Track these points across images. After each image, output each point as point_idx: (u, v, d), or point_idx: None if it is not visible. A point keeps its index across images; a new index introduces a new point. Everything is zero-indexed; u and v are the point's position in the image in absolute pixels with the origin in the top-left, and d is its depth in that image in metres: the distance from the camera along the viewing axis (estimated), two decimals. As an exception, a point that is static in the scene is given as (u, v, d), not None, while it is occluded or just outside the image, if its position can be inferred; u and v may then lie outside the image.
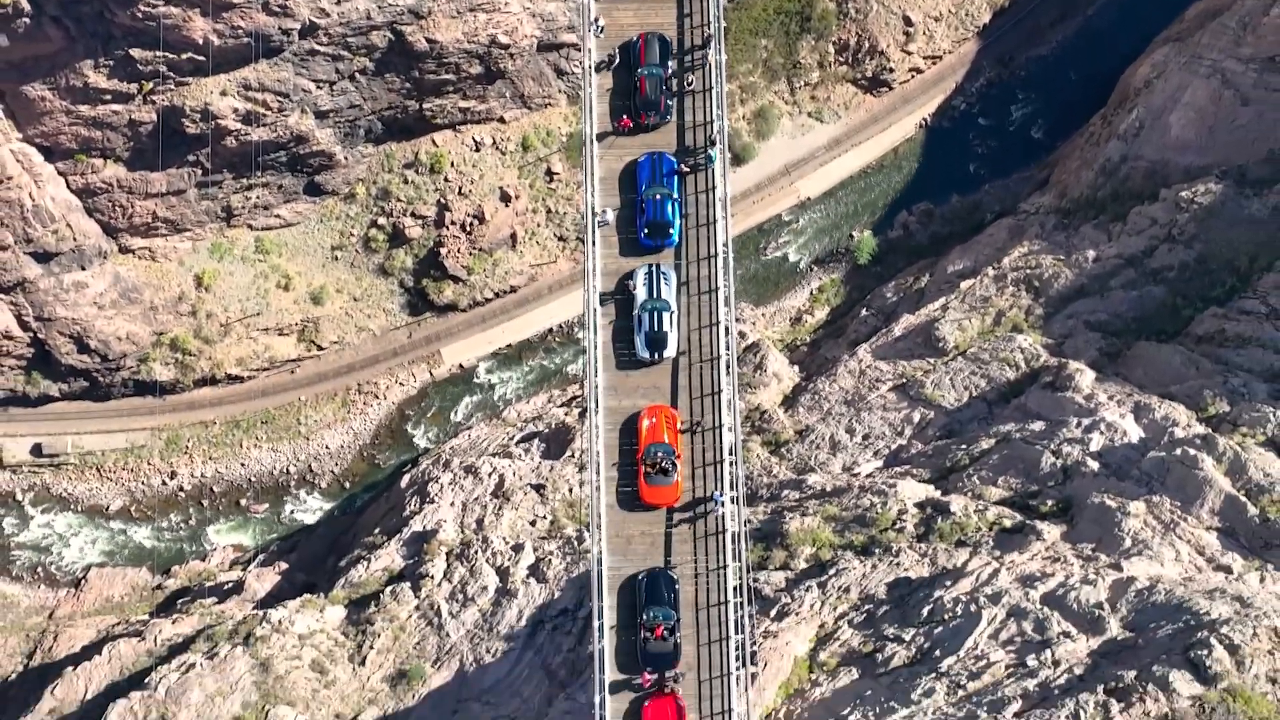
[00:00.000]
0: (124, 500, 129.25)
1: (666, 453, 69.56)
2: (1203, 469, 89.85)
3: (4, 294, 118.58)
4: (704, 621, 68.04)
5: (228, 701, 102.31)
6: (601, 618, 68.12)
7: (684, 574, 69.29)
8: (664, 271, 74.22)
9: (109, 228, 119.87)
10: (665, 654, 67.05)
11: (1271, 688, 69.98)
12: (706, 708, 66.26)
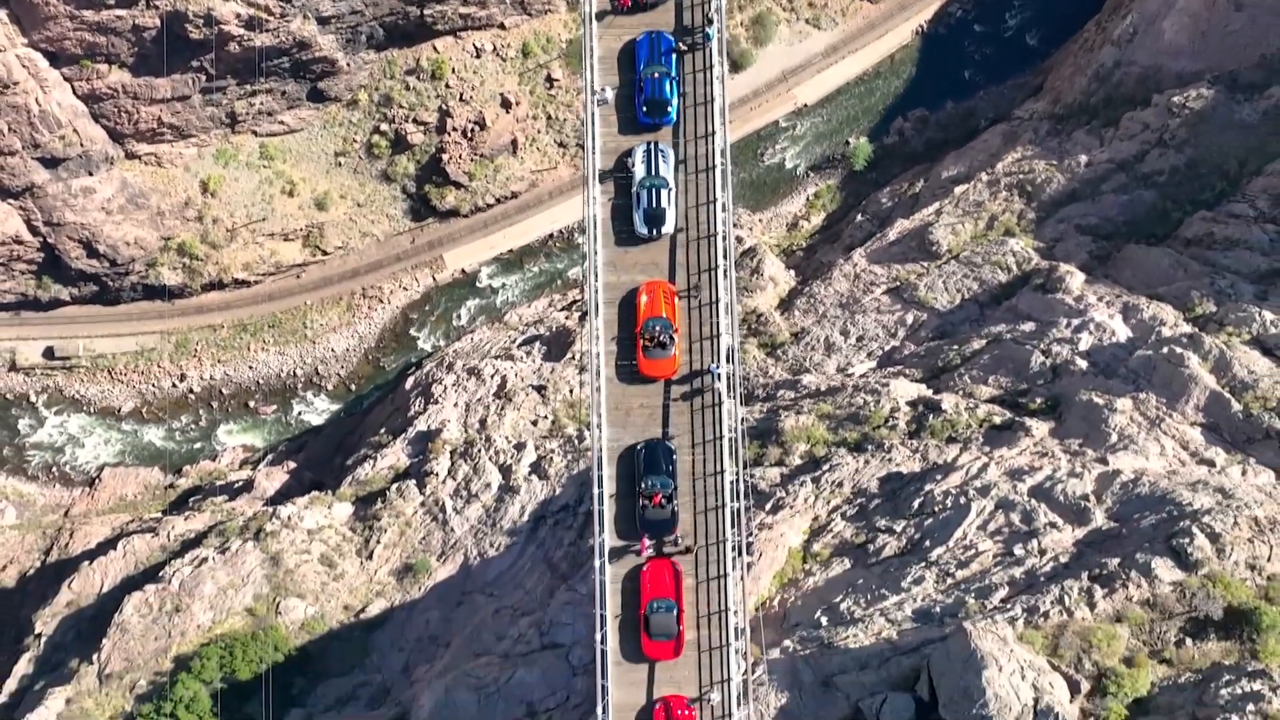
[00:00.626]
0: (135, 402, 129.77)
1: (664, 327, 69.78)
2: (1188, 367, 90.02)
3: (13, 199, 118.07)
4: (701, 490, 68.39)
5: (239, 594, 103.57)
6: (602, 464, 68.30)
7: (681, 444, 69.54)
8: (662, 149, 73.94)
9: (115, 134, 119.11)
10: (663, 521, 67.51)
11: (1251, 574, 70.65)
12: (703, 572, 66.67)
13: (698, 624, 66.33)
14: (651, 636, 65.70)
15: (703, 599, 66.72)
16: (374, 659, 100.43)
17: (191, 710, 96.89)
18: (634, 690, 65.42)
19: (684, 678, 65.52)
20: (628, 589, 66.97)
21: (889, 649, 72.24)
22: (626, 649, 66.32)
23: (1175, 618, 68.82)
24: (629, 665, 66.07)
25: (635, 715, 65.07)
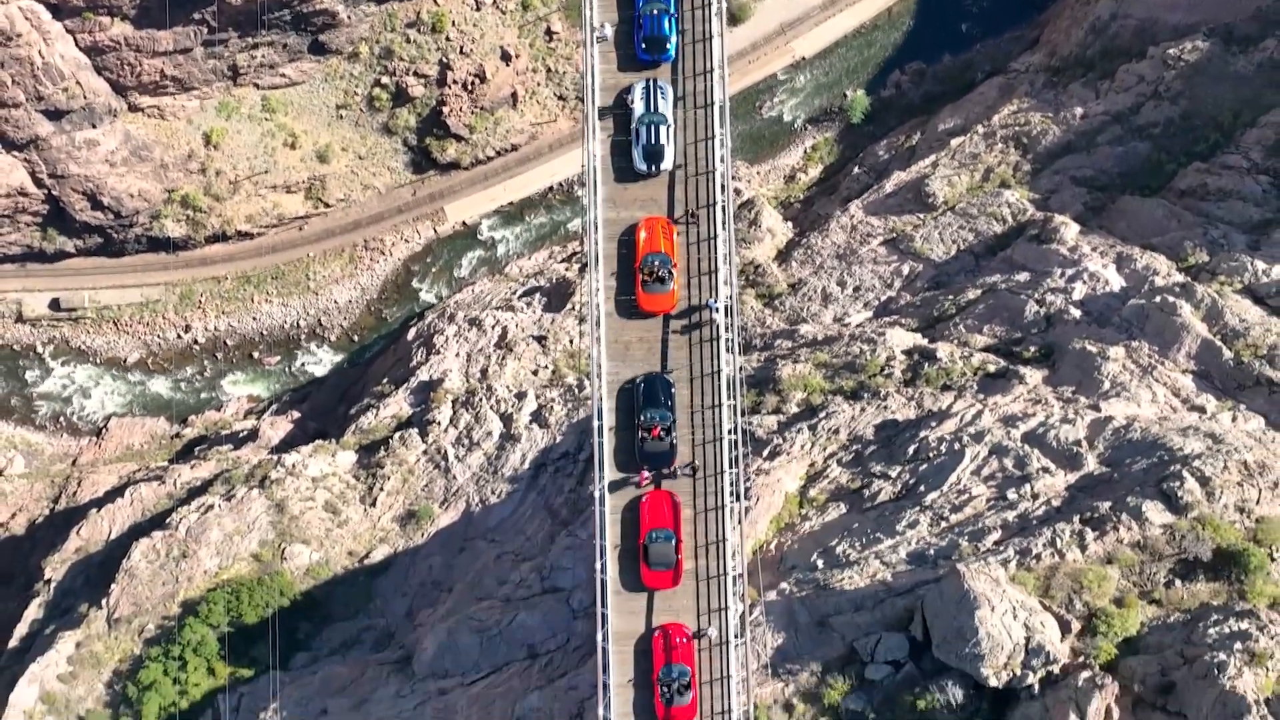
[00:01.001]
0: (141, 353, 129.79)
1: (663, 262, 69.71)
2: (1181, 315, 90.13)
3: (18, 151, 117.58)
4: (699, 423, 68.52)
5: (245, 540, 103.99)
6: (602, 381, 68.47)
7: (680, 378, 69.56)
8: (661, 86, 73.55)
9: (118, 86, 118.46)
10: (662, 453, 67.71)
11: (1240, 517, 71.03)
12: (700, 504, 66.96)
13: (695, 554, 66.53)
14: (650, 566, 66.00)
15: (701, 529, 66.89)
16: (378, 604, 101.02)
17: (199, 654, 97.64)
18: (633, 619, 65.89)
19: (683, 606, 65.88)
20: (627, 520, 67.24)
21: (883, 590, 72.73)
22: (626, 578, 66.67)
23: (1165, 559, 69.25)
24: (628, 594, 66.45)
25: (635, 643, 65.52)
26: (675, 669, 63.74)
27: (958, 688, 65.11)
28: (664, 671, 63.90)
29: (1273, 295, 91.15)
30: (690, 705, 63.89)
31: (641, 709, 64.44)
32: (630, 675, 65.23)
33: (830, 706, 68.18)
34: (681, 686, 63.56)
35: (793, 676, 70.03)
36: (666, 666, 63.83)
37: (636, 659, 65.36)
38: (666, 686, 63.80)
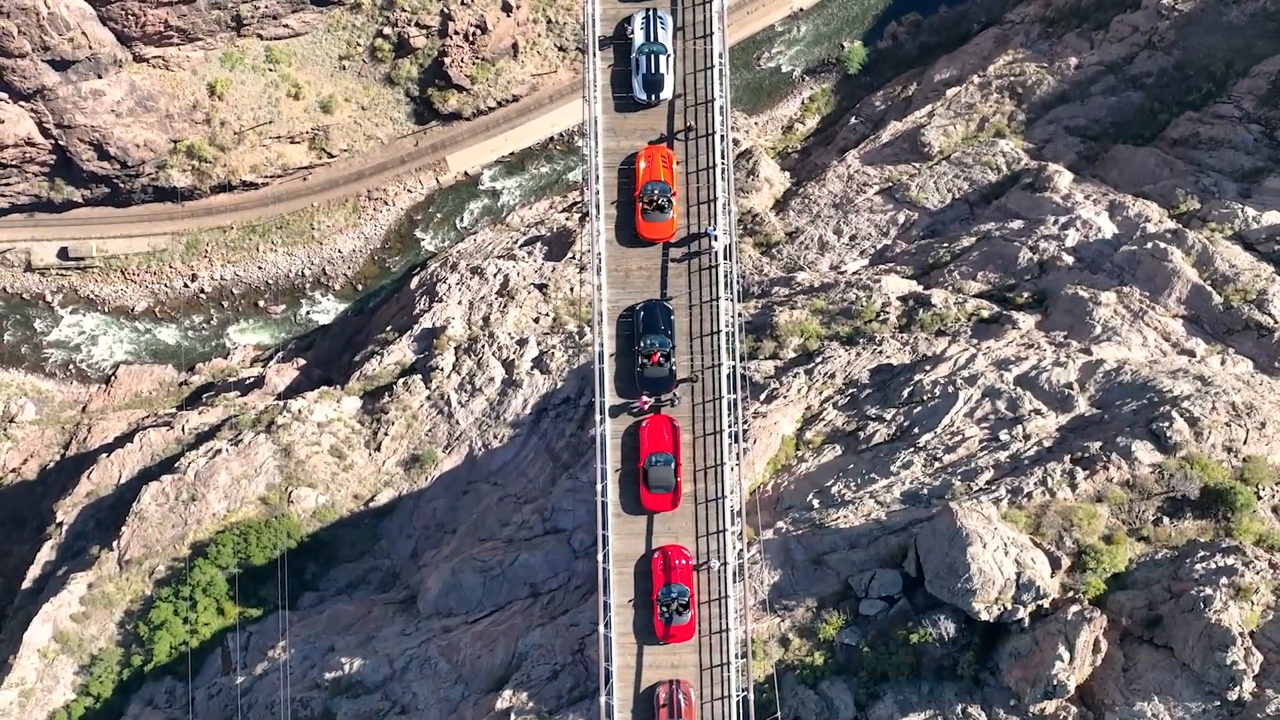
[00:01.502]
0: (148, 301, 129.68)
1: (663, 190, 69.40)
2: (1172, 261, 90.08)
3: (25, 101, 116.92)
4: (698, 350, 68.46)
5: (253, 483, 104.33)
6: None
7: (679, 305, 69.35)
8: (660, 16, 72.76)
9: (123, 36, 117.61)
10: (661, 379, 67.63)
11: (1227, 456, 71.22)
12: (699, 428, 66.90)
13: (694, 478, 66.61)
14: (650, 489, 65.98)
15: (699, 454, 66.85)
16: (383, 545, 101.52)
17: (208, 594, 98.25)
18: (634, 541, 66.03)
19: (681, 528, 65.95)
20: (627, 445, 67.15)
21: (878, 529, 73.05)
22: (626, 501, 66.63)
23: (1154, 498, 69.47)
24: (628, 517, 66.46)
25: (635, 564, 65.74)
26: (674, 589, 63.97)
27: (950, 622, 65.50)
28: (663, 591, 64.10)
29: (1263, 241, 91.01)
30: (689, 624, 64.21)
31: (642, 628, 64.66)
32: (631, 595, 65.46)
33: (825, 641, 68.63)
34: (680, 606, 63.77)
35: (789, 612, 70.48)
36: (666, 587, 64.04)
37: (637, 580, 65.54)
38: (666, 606, 64.00)
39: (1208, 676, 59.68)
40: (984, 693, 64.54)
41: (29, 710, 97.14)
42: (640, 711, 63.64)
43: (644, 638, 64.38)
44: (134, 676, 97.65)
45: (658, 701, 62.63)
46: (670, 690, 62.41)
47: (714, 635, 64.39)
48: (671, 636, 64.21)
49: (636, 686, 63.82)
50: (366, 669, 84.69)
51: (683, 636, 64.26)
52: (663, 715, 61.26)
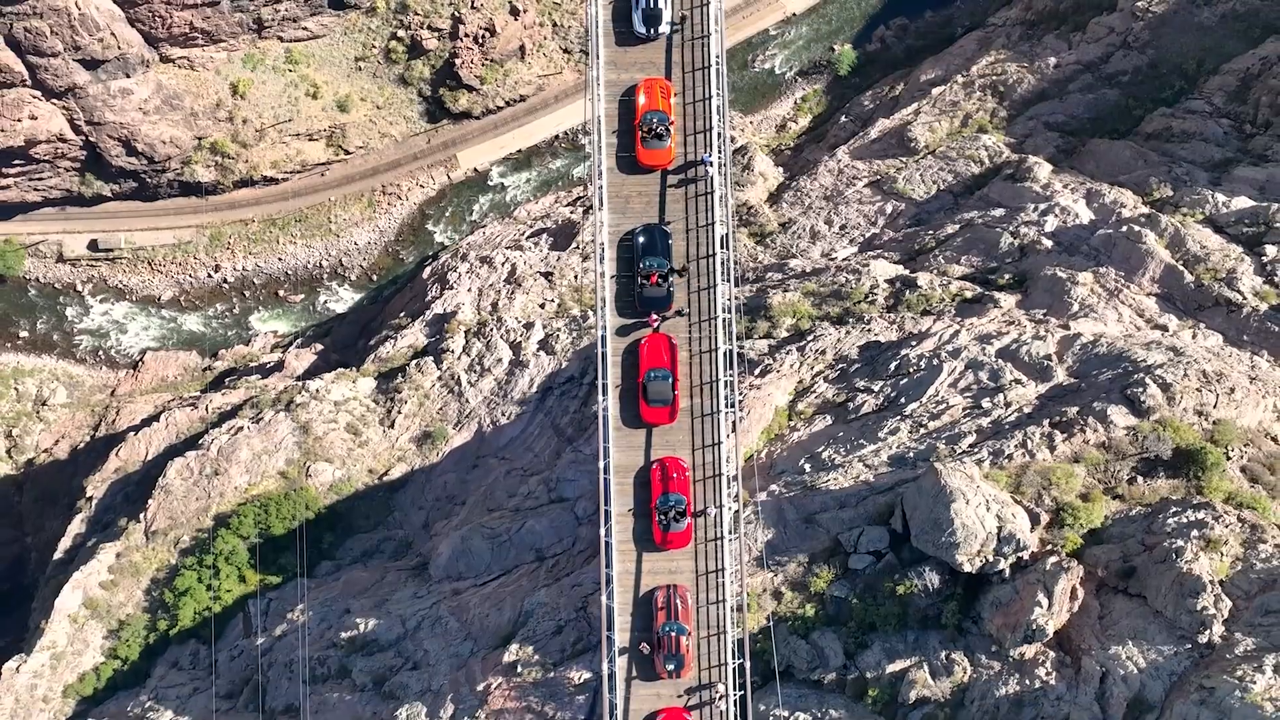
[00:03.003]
0: (174, 291, 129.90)
1: (661, 119, 69.14)
2: (1146, 243, 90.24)
3: (56, 99, 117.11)
4: (695, 272, 68.14)
5: (273, 458, 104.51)
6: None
7: (676, 229, 69.02)
8: None
9: (150, 37, 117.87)
10: (660, 298, 67.37)
11: (1198, 419, 71.38)
12: (696, 346, 66.76)
13: (691, 393, 66.33)
14: (649, 403, 65.67)
15: (696, 371, 66.68)
16: (396, 516, 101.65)
17: (230, 562, 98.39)
18: (633, 453, 65.76)
19: (679, 441, 65.63)
20: (627, 362, 66.89)
21: (866, 489, 73.20)
22: (626, 415, 66.31)
23: (1128, 458, 69.62)
24: (628, 430, 66.17)
25: (634, 475, 65.48)
26: (672, 498, 63.77)
27: (934, 574, 65.62)
28: (661, 500, 63.89)
29: (1232, 224, 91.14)
30: (685, 531, 63.94)
31: (641, 536, 64.49)
32: (630, 505, 65.19)
33: (816, 594, 68.73)
34: (678, 514, 63.60)
35: (782, 567, 70.58)
36: (664, 496, 63.83)
37: (636, 490, 65.27)
38: (664, 514, 63.79)
39: (1179, 622, 59.75)
40: (966, 640, 64.61)
41: (60, 672, 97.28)
42: (640, 614, 63.60)
43: (643, 545, 64.21)
44: (159, 640, 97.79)
45: (656, 604, 62.61)
46: (668, 594, 62.47)
47: (708, 543, 64.51)
48: (669, 543, 63.99)
49: (636, 591, 63.82)
50: (380, 628, 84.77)
51: (680, 543, 64.07)
52: (660, 617, 61.30)
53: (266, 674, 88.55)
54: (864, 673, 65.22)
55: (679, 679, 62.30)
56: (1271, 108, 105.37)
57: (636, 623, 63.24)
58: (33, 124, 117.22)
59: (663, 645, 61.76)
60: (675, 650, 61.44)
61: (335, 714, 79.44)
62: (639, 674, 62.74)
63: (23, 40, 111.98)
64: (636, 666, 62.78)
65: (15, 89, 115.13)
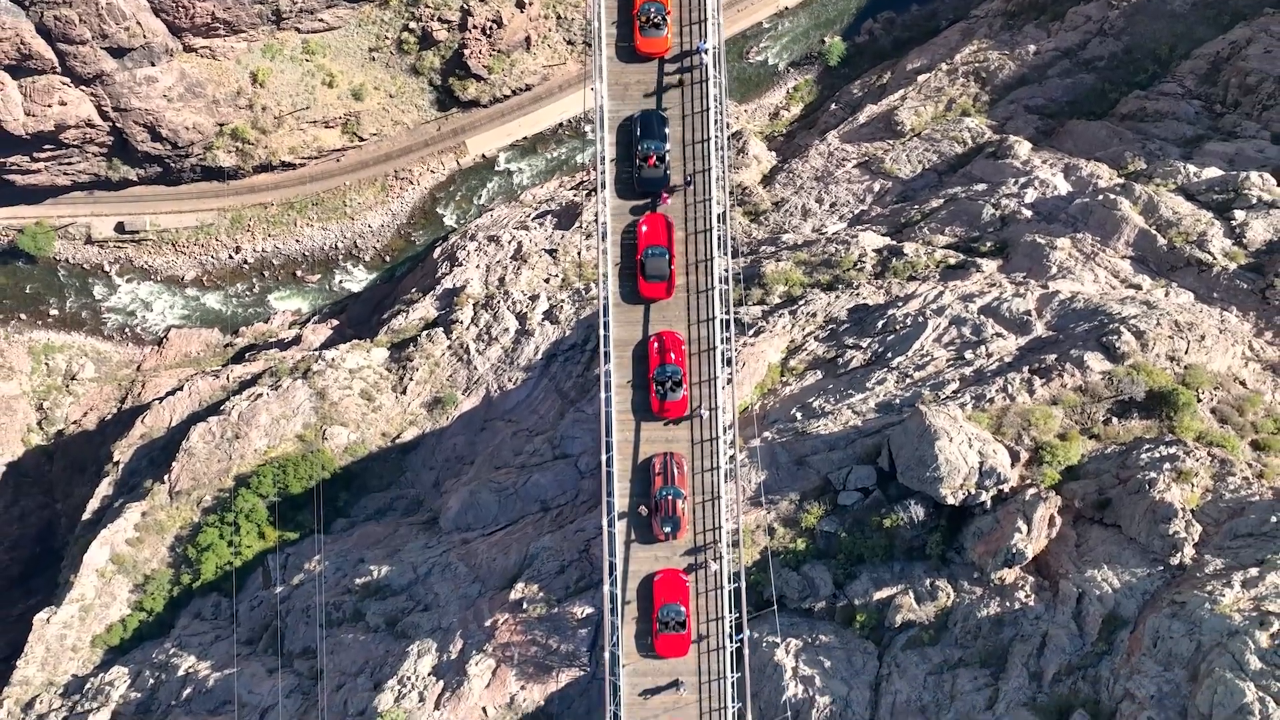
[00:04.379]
0: (196, 271, 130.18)
1: (658, 9, 68.60)
2: (1120, 210, 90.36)
3: (85, 85, 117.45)
4: (689, 156, 67.56)
5: (291, 423, 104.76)
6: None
7: (673, 115, 68.60)
8: None
9: (174, 27, 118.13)
10: (657, 179, 67.03)
11: (1170, 364, 71.57)
12: (691, 226, 66.20)
13: (687, 270, 65.91)
14: (647, 279, 65.32)
15: (692, 250, 66.27)
16: (408, 476, 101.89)
17: (251, 519, 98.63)
18: (632, 328, 65.55)
19: (675, 316, 65.29)
20: (627, 242, 66.61)
21: (855, 433, 73.42)
22: (625, 291, 66.11)
23: (1104, 401, 69.82)
24: (627, 306, 65.88)
25: (633, 349, 65.20)
26: (668, 369, 63.47)
27: (919, 507, 65.86)
28: (658, 371, 63.62)
29: (1203, 192, 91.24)
30: (681, 401, 63.62)
31: (639, 406, 64.18)
32: (629, 377, 64.89)
33: (807, 529, 68.95)
34: (674, 384, 63.32)
35: (774, 505, 70.79)
36: (661, 367, 63.55)
37: (635, 363, 64.95)
38: (661, 385, 63.52)
39: (1152, 546, 59.94)
40: (950, 569, 64.81)
41: (88, 623, 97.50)
42: (638, 480, 63.34)
43: (641, 415, 63.97)
44: (183, 593, 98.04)
45: (653, 470, 62.45)
46: (664, 460, 62.24)
47: (703, 413, 63.83)
48: (666, 411, 63.60)
49: (634, 458, 63.59)
50: (393, 574, 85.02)
51: (676, 412, 63.77)
52: (658, 482, 61.29)
53: (285, 620, 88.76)
54: (852, 600, 65.43)
55: (675, 541, 62.05)
56: (1240, 88, 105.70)
57: (635, 488, 62.93)
58: (62, 109, 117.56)
59: (660, 509, 61.52)
60: (672, 513, 61.24)
61: (350, 653, 79.64)
62: (637, 538, 62.57)
63: (53, 28, 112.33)
64: (635, 531, 62.58)
65: (46, 75, 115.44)
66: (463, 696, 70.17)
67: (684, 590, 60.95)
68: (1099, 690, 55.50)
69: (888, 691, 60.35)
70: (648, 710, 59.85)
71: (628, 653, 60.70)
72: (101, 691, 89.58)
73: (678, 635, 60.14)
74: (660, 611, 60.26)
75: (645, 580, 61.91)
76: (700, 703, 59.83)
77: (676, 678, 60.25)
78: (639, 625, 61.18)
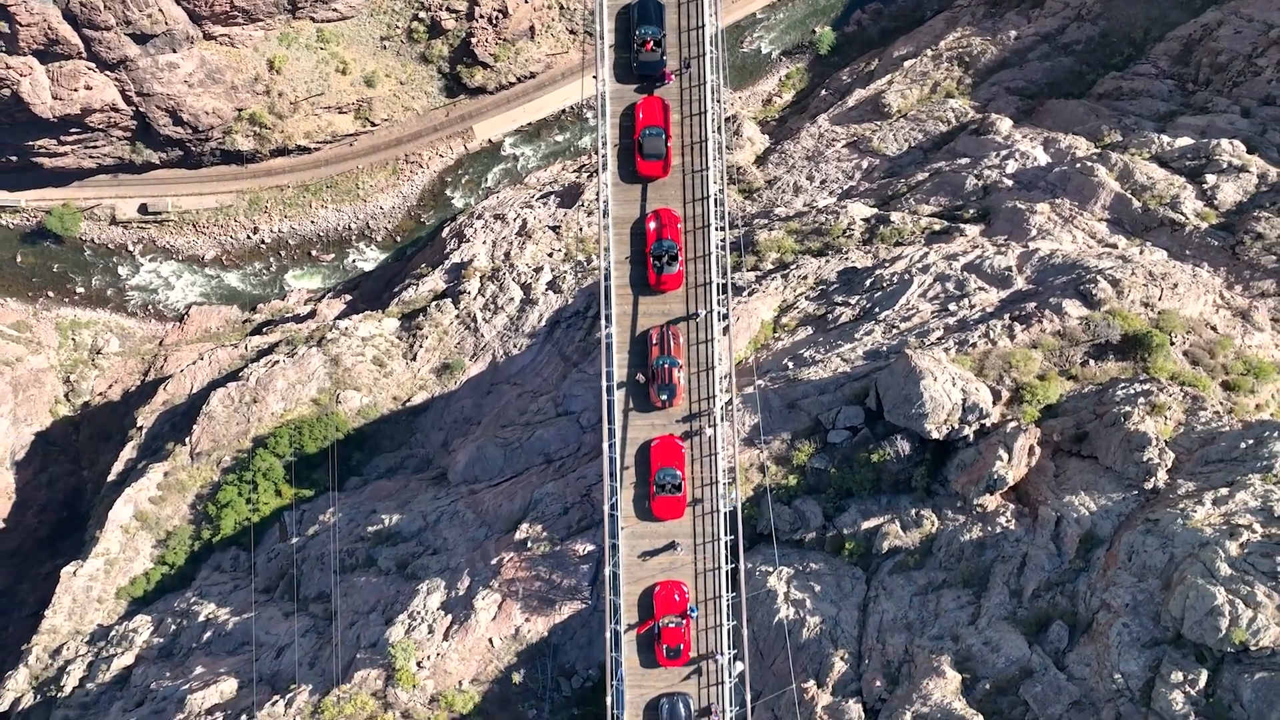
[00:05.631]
0: (216, 251, 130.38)
1: None
2: (1097, 176, 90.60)
3: (110, 70, 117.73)
4: (685, 42, 66.33)
5: (306, 387, 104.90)
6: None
7: (669, 2, 67.07)
8: None
9: (194, 15, 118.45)
10: (654, 63, 65.92)
11: (1144, 309, 71.65)
12: (687, 109, 64.82)
13: (683, 151, 65.04)
14: (644, 158, 64.69)
15: (687, 131, 65.29)
16: (418, 437, 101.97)
17: (268, 478, 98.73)
18: (630, 206, 64.81)
19: (670, 195, 64.74)
20: (624, 125, 65.62)
21: (844, 378, 73.52)
22: (624, 172, 65.22)
23: (1081, 344, 69.94)
24: (626, 185, 65.10)
25: (631, 226, 64.48)
26: (665, 244, 62.86)
27: (905, 442, 65.92)
28: (655, 245, 62.98)
29: (1175, 159, 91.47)
30: (677, 274, 62.94)
31: (637, 280, 63.58)
32: (627, 253, 64.06)
33: (798, 466, 69.01)
34: (670, 258, 62.76)
35: (767, 445, 70.87)
36: (658, 242, 62.96)
37: (633, 240, 64.23)
38: (658, 258, 62.92)
39: (1127, 473, 60.02)
40: (934, 500, 64.91)
41: (113, 576, 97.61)
42: (636, 351, 62.77)
43: (639, 289, 63.41)
44: (203, 548, 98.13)
45: (650, 340, 62.01)
46: (661, 332, 61.88)
47: (697, 289, 63.48)
48: (663, 284, 62.99)
49: (633, 331, 63.00)
50: (404, 523, 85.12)
51: (672, 285, 63.16)
52: (655, 352, 61.04)
53: (300, 568, 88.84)
54: (841, 531, 65.52)
55: (672, 408, 61.48)
56: (1211, 67, 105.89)
57: (633, 360, 62.37)
58: (88, 94, 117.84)
59: (657, 377, 61.02)
60: (668, 380, 60.74)
61: (362, 594, 79.71)
62: (636, 406, 61.97)
63: (79, 14, 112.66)
64: (634, 399, 61.96)
65: (72, 60, 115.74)
66: (470, 628, 70.24)
67: (680, 455, 60.46)
68: (1076, 603, 55.55)
69: (875, 611, 60.37)
70: (645, 571, 59.19)
71: (626, 516, 60.01)
72: (126, 638, 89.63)
73: (674, 498, 59.59)
74: (657, 475, 59.66)
75: (643, 447, 61.28)
76: (695, 563, 59.19)
77: (673, 540, 59.61)
78: (637, 490, 60.68)
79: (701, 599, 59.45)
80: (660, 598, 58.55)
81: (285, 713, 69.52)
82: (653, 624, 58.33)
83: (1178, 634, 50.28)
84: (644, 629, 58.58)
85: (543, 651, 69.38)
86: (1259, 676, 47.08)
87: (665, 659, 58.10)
